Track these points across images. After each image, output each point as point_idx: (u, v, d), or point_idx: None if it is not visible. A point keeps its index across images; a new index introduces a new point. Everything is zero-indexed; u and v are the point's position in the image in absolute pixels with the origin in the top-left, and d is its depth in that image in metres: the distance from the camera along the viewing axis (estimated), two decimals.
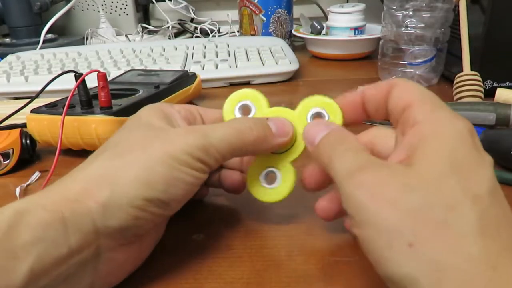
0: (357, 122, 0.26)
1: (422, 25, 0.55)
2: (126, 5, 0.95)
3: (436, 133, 0.20)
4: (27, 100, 0.42)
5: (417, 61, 0.57)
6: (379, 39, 0.63)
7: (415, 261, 0.17)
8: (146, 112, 0.26)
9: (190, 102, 0.54)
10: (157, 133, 0.24)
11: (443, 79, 0.60)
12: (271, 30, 0.81)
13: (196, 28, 0.97)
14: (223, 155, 0.24)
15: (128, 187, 0.21)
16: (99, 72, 0.36)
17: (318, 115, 0.26)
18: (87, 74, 0.36)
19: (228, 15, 0.93)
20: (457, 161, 0.18)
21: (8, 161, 0.38)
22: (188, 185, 0.23)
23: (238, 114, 0.27)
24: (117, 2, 0.95)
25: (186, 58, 0.68)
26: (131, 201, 0.21)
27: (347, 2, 0.99)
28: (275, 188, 0.27)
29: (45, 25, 0.83)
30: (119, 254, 0.22)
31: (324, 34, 0.80)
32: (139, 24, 0.96)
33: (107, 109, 0.38)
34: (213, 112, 0.29)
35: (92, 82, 0.38)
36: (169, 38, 0.94)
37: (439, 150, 0.19)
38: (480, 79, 0.48)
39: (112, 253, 0.21)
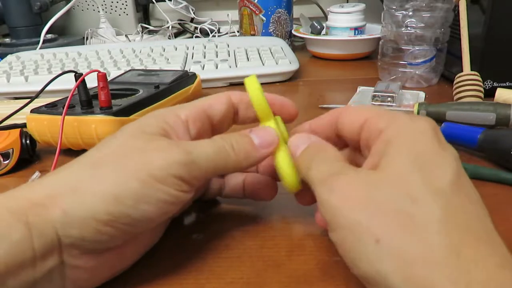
0: None
1: (422, 25, 0.55)
2: (126, 5, 0.95)
3: (398, 135, 0.21)
4: (27, 100, 0.42)
5: (417, 61, 0.57)
6: (379, 39, 0.63)
7: (383, 256, 0.17)
8: (147, 119, 0.25)
9: None
10: (140, 145, 0.23)
11: (443, 79, 0.60)
12: (271, 30, 0.81)
13: (196, 28, 0.97)
14: (206, 174, 0.23)
15: (93, 199, 0.20)
16: (99, 72, 0.36)
17: None
18: (87, 74, 0.36)
19: (228, 15, 0.93)
20: (419, 158, 0.19)
21: (8, 161, 0.38)
22: (162, 203, 0.22)
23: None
24: (117, 2, 0.95)
25: (186, 58, 0.68)
26: (94, 214, 0.20)
27: (347, 2, 0.99)
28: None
29: (45, 25, 0.83)
30: (87, 262, 0.21)
31: (324, 34, 0.80)
32: (139, 24, 0.96)
33: (107, 109, 0.38)
34: (220, 106, 0.27)
35: (92, 82, 0.38)
36: (169, 38, 0.94)
37: (401, 151, 0.20)
38: (480, 79, 0.48)
39: (78, 261, 0.21)
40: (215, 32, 0.95)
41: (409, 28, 0.56)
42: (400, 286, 0.17)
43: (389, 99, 0.50)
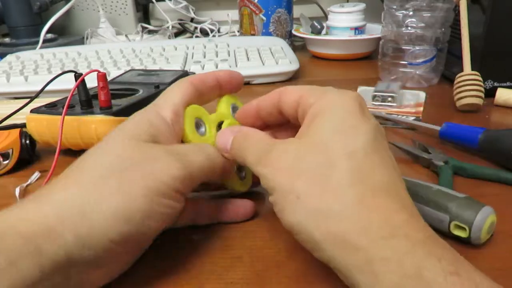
0: (256, 127, 0.28)
1: (423, 25, 0.55)
2: (126, 5, 0.95)
3: (325, 108, 0.23)
4: (27, 100, 0.42)
5: (417, 61, 0.57)
6: (379, 39, 0.63)
7: (302, 210, 0.21)
8: (133, 125, 0.26)
9: None
10: (137, 156, 0.24)
11: (444, 79, 0.60)
12: (271, 30, 0.81)
13: (196, 28, 0.97)
14: (197, 183, 0.26)
15: (105, 222, 0.21)
16: (99, 72, 0.36)
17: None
18: (87, 74, 0.36)
19: (228, 15, 0.93)
20: (341, 126, 0.22)
21: (7, 161, 0.38)
22: (165, 216, 0.24)
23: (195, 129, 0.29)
24: (117, 2, 0.95)
25: (186, 58, 0.68)
26: (109, 236, 0.21)
27: (347, 2, 0.98)
28: (245, 180, 0.32)
29: (44, 25, 0.83)
30: (91, 276, 0.22)
31: (324, 34, 0.80)
32: (139, 24, 0.96)
33: (107, 109, 0.37)
34: (191, 98, 0.29)
35: (92, 82, 0.38)
36: (169, 38, 0.94)
37: (326, 121, 0.23)
38: (480, 79, 0.48)
39: (83, 275, 0.21)
40: (215, 32, 0.95)
41: (409, 28, 0.56)
42: (313, 230, 0.20)
43: (389, 99, 0.50)
